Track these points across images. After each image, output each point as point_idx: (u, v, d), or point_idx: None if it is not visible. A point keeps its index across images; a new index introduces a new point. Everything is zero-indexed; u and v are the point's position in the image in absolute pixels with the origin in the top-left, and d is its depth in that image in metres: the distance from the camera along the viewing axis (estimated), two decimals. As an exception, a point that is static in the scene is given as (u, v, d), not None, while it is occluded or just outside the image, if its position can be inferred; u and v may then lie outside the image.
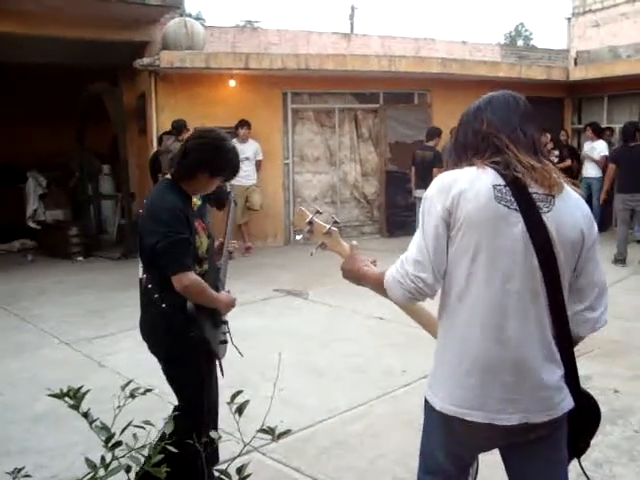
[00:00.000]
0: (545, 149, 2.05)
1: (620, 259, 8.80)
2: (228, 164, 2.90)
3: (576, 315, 1.98)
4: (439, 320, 2.03)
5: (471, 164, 1.95)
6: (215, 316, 2.96)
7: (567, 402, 1.95)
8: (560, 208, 1.90)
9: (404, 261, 1.91)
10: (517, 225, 1.86)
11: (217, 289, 2.99)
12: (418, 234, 1.91)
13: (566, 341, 1.94)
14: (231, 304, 3.00)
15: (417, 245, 1.90)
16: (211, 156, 2.83)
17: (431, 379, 2.04)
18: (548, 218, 1.88)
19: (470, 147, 1.99)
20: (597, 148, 11.23)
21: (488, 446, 2.09)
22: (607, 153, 10.79)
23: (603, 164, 10.70)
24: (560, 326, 1.92)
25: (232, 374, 4.85)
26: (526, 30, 44.27)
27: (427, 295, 1.91)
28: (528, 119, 1.99)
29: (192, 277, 2.72)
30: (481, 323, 1.88)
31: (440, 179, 1.95)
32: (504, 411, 1.88)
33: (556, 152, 11.26)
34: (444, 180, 1.93)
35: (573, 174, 10.59)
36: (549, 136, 11.54)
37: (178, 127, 8.95)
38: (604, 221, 11.60)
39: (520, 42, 40.94)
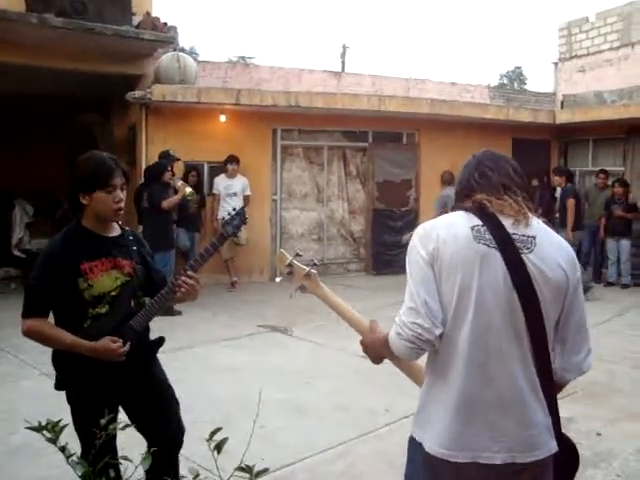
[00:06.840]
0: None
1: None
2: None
3: (562, 359, 1.99)
4: (427, 360, 2.03)
5: None
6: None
7: (553, 444, 1.94)
8: (541, 249, 1.92)
9: (400, 314, 1.92)
10: (497, 264, 1.88)
11: (121, 335, 2.75)
12: (408, 283, 1.94)
13: (549, 382, 1.94)
14: (105, 354, 2.69)
15: (409, 293, 1.92)
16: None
17: (418, 417, 2.03)
18: (529, 258, 1.90)
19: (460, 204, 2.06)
20: None
21: None
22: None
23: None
24: (542, 368, 1.92)
25: (214, 410, 4.84)
26: (521, 74, 45.11)
27: (428, 341, 1.88)
28: (515, 181, 2.03)
29: (30, 324, 2.93)
30: (465, 362, 1.89)
31: (421, 228, 2.01)
32: (489, 449, 1.87)
33: None
34: (425, 228, 2.00)
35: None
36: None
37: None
38: (597, 272, 11.12)
39: (515, 85, 41.69)
